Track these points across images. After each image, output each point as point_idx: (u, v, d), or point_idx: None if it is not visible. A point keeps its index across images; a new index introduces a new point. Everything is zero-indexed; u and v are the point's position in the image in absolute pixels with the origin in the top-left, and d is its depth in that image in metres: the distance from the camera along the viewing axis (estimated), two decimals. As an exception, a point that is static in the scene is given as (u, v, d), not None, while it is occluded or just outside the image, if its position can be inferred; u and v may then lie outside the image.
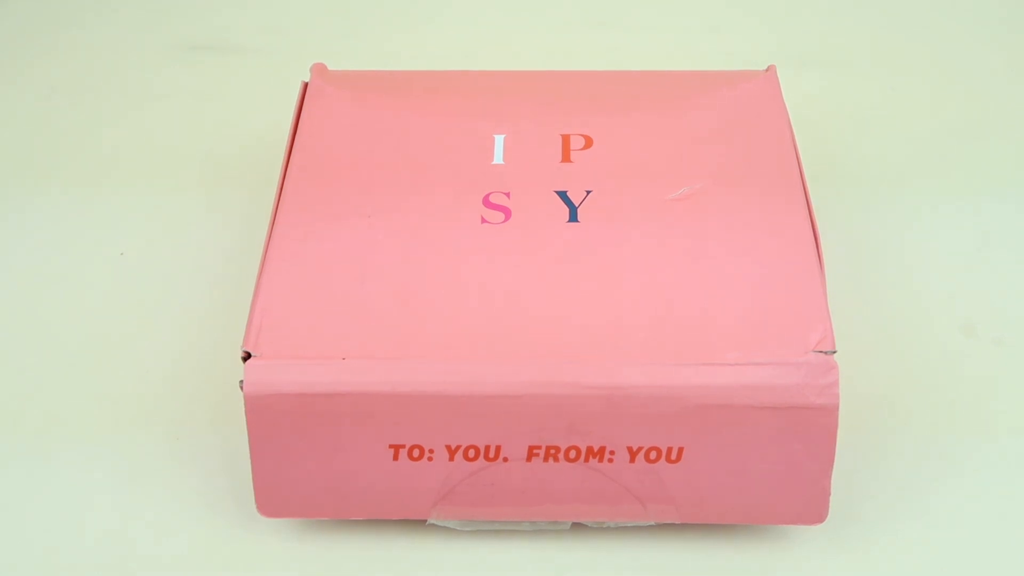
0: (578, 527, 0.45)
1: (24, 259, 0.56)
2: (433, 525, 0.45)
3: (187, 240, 0.56)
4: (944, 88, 0.65)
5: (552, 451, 0.41)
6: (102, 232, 0.57)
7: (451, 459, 0.42)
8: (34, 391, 0.50)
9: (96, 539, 0.45)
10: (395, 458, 0.42)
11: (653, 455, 0.41)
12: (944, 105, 0.64)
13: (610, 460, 0.42)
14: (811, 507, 0.42)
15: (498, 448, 0.41)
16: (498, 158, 0.49)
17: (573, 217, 0.46)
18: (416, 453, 0.42)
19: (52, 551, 0.45)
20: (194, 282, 0.54)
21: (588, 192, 0.47)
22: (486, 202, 0.47)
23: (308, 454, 0.42)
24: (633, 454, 0.41)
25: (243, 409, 0.41)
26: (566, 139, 0.49)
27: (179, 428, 0.49)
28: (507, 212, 0.46)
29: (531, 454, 0.42)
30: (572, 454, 0.42)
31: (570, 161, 0.48)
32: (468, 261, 0.44)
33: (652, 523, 0.44)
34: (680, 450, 0.41)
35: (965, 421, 0.49)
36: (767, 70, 0.53)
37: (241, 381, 0.41)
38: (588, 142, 0.49)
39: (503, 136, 0.49)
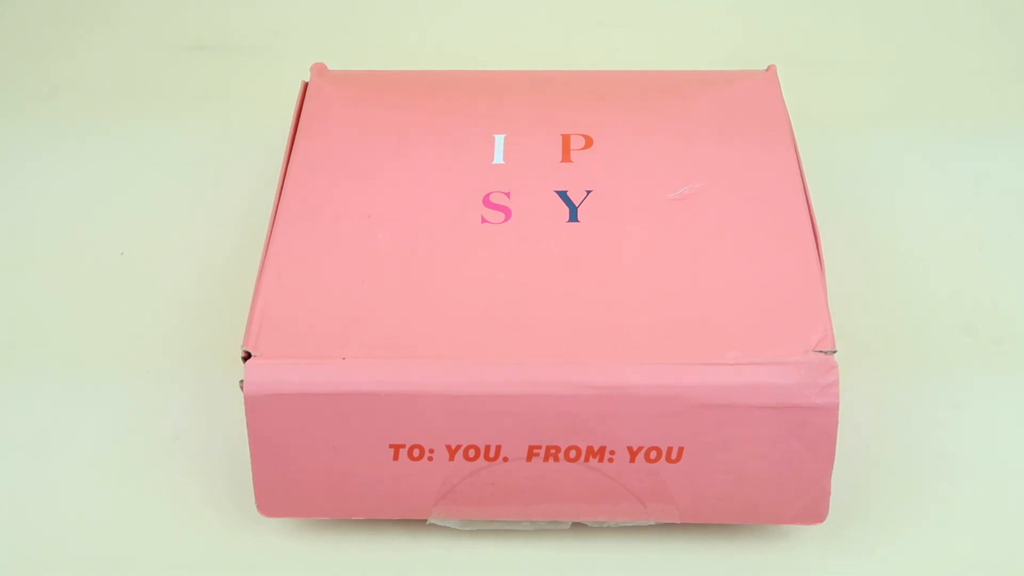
0: (578, 527, 0.45)
1: (17, 264, 0.56)
2: (433, 525, 0.45)
3: (187, 240, 0.56)
4: (945, 88, 0.65)
5: (552, 451, 0.41)
6: (102, 232, 0.57)
7: (451, 459, 0.42)
8: (35, 390, 0.50)
9: (97, 539, 0.45)
10: (395, 458, 0.42)
11: (653, 455, 0.41)
12: (945, 105, 0.64)
13: (610, 460, 0.42)
14: (811, 507, 0.42)
15: (498, 448, 0.41)
16: (498, 158, 0.49)
17: (573, 217, 0.46)
18: (416, 453, 0.42)
19: (53, 551, 0.45)
20: (194, 282, 0.54)
21: (588, 192, 0.47)
22: (486, 202, 0.47)
23: (308, 454, 0.42)
24: (633, 454, 0.41)
25: (243, 409, 0.41)
26: (566, 139, 0.49)
27: (179, 428, 0.49)
28: (507, 212, 0.46)
29: (531, 454, 0.42)
30: (572, 454, 0.42)
31: (570, 161, 0.48)
32: (468, 261, 0.44)
33: (652, 523, 0.44)
34: (680, 450, 0.41)
35: (965, 421, 0.49)
36: (767, 70, 0.53)
37: (241, 381, 0.41)
38: (588, 142, 0.49)
39: (503, 136, 0.49)
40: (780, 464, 0.41)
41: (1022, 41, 0.68)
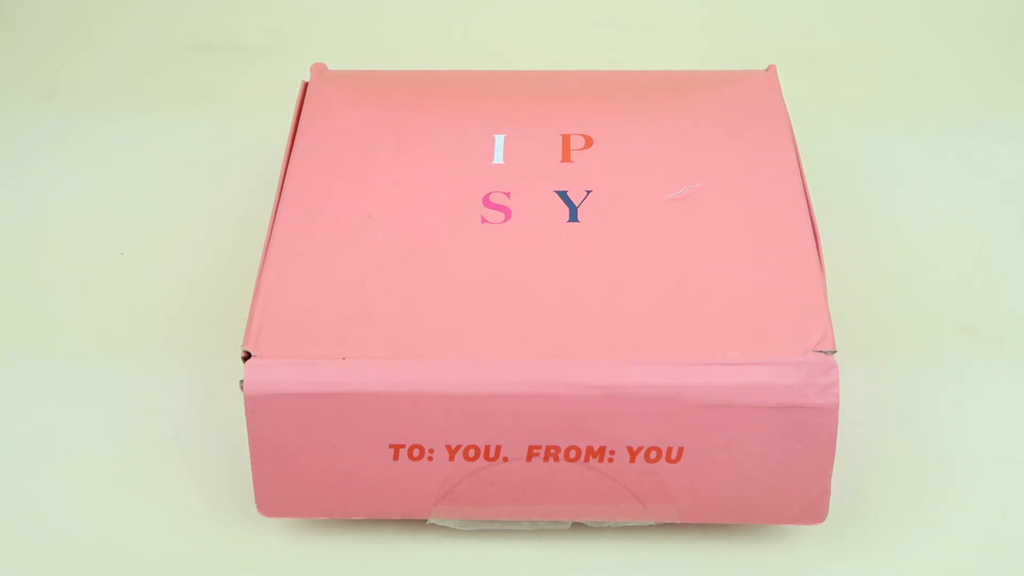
0: (578, 527, 0.45)
1: (18, 264, 0.56)
2: (433, 525, 0.45)
3: (187, 240, 0.56)
4: (945, 87, 0.65)
5: (552, 451, 0.41)
6: (102, 232, 0.57)
7: (451, 459, 0.42)
8: (36, 390, 0.50)
9: (97, 539, 0.45)
10: (395, 458, 0.42)
11: (653, 455, 0.41)
12: (945, 104, 0.64)
13: (610, 460, 0.42)
14: (811, 507, 0.42)
15: (498, 448, 0.41)
16: (498, 158, 0.49)
17: (573, 217, 0.46)
18: (416, 453, 0.42)
19: (53, 551, 0.45)
20: (194, 282, 0.54)
21: (588, 192, 0.47)
22: (486, 202, 0.47)
23: (308, 454, 0.42)
24: (633, 454, 0.41)
25: (243, 409, 0.41)
26: (566, 139, 0.49)
27: (179, 428, 0.49)
28: (507, 212, 0.46)
29: (531, 454, 0.42)
30: (572, 454, 0.42)
31: (570, 161, 0.48)
32: (468, 261, 0.44)
33: (652, 523, 0.44)
34: (680, 450, 0.41)
35: (965, 420, 0.49)
36: (767, 70, 0.53)
37: (241, 381, 0.41)
38: (588, 142, 0.49)
39: (503, 136, 0.49)
40: (780, 464, 0.41)
41: (1022, 39, 0.68)
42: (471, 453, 0.41)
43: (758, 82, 0.52)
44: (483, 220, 0.46)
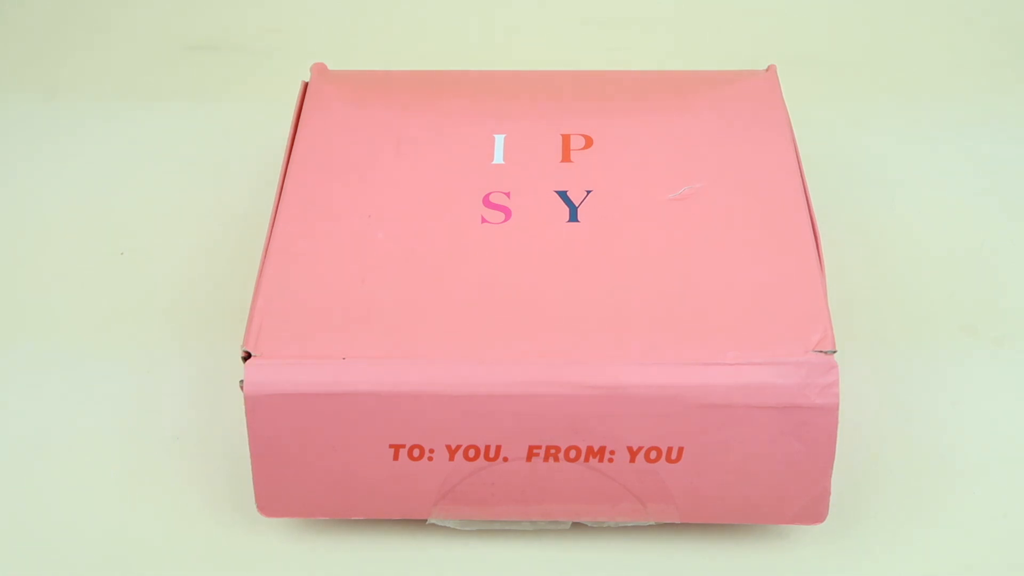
0: (578, 527, 0.45)
1: (17, 264, 0.56)
2: (433, 525, 0.45)
3: (187, 239, 0.56)
4: (945, 87, 0.65)
5: (552, 451, 0.41)
6: (102, 232, 0.57)
7: (451, 459, 0.42)
8: (35, 390, 0.50)
9: (97, 539, 0.45)
10: (395, 458, 0.42)
11: (653, 455, 0.41)
12: (945, 104, 0.64)
13: (610, 460, 0.42)
14: (811, 507, 0.42)
15: (498, 448, 0.41)
16: (498, 158, 0.49)
17: (573, 217, 0.46)
18: (416, 453, 0.42)
19: (53, 551, 0.45)
20: (194, 282, 0.54)
21: (588, 192, 0.47)
22: (486, 202, 0.47)
23: (308, 454, 0.42)
24: (633, 454, 0.41)
25: (243, 409, 0.41)
26: (566, 139, 0.49)
27: (179, 428, 0.48)
28: (507, 212, 0.46)
29: (531, 454, 0.42)
30: (572, 454, 0.42)
31: (570, 161, 0.48)
32: (468, 261, 0.44)
33: (652, 523, 0.44)
34: (680, 450, 0.41)
35: (965, 420, 0.49)
36: (767, 70, 0.53)
37: (241, 381, 0.41)
38: (588, 142, 0.49)
39: (503, 136, 0.49)
40: (780, 464, 0.41)
41: (1022, 39, 0.68)
42: (471, 453, 0.42)
43: (758, 82, 0.52)
44: (483, 220, 0.46)
